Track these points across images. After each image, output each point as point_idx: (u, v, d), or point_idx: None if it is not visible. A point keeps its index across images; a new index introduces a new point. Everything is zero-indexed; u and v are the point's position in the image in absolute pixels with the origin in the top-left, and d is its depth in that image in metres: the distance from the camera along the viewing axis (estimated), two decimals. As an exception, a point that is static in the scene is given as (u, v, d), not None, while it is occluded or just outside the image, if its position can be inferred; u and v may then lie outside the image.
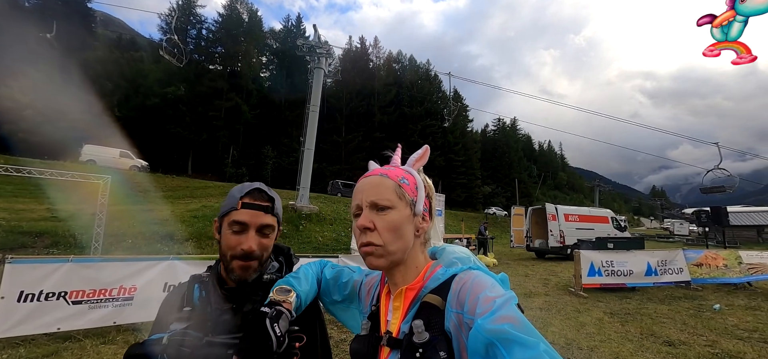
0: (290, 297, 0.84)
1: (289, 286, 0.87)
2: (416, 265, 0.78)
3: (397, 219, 0.74)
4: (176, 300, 0.94)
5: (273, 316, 0.77)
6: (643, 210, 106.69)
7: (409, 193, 0.77)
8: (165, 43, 15.67)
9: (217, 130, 38.01)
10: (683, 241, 32.27)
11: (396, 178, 0.78)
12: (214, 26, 42.78)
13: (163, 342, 0.78)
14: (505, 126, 69.56)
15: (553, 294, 8.12)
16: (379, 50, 55.20)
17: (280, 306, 0.80)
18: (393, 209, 0.75)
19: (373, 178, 0.79)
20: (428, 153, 0.87)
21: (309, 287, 0.94)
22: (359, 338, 0.79)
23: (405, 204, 0.76)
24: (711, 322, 5.90)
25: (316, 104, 16.47)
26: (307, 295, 0.92)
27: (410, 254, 0.78)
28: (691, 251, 9.16)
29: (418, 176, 0.82)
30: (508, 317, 0.57)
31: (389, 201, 0.75)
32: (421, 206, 0.79)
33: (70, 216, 11.72)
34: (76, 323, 4.14)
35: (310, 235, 14.70)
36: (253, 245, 0.89)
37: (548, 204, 16.28)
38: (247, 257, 0.88)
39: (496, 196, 53.68)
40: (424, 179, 0.83)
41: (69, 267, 4.17)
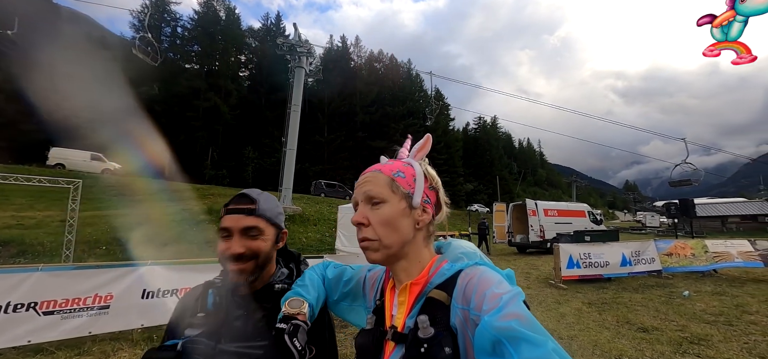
0: (303, 309, 0.84)
1: (300, 297, 0.87)
2: (419, 260, 0.78)
3: (390, 212, 0.74)
4: (190, 305, 0.95)
5: (291, 331, 0.77)
6: (617, 204, 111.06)
7: (404, 186, 0.77)
8: (138, 42, 15.06)
9: (195, 130, 36.91)
10: (655, 233, 33.81)
11: (390, 172, 0.78)
12: (190, 24, 41.45)
13: (178, 349, 0.80)
14: (486, 124, 70.79)
15: (534, 287, 8.35)
16: (360, 49, 55.14)
17: (296, 320, 0.81)
18: (386, 203, 0.75)
19: (369, 173, 0.80)
20: (430, 142, 0.85)
21: (318, 293, 0.94)
22: (364, 332, 0.79)
23: (399, 198, 0.76)
24: (681, 308, 6.21)
25: (297, 104, 16.28)
26: (317, 301, 0.92)
27: (412, 248, 0.77)
28: (662, 242, 9.61)
29: (419, 167, 0.81)
30: (515, 314, 0.56)
31: (381, 196, 0.75)
32: (419, 198, 0.77)
33: (38, 223, 11.13)
34: (47, 334, 3.94)
35: (293, 237, 14.52)
36: (237, 248, 0.89)
37: (529, 200, 16.70)
38: (235, 260, 0.89)
39: (479, 193, 54.58)
40: (425, 170, 0.82)
41: (38, 276, 3.97)
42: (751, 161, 70.71)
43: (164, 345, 0.82)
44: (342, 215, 11.66)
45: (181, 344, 0.81)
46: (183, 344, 0.81)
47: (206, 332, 0.86)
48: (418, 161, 0.83)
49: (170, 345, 0.81)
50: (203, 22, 41.27)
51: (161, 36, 38.31)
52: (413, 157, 0.85)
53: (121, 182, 20.31)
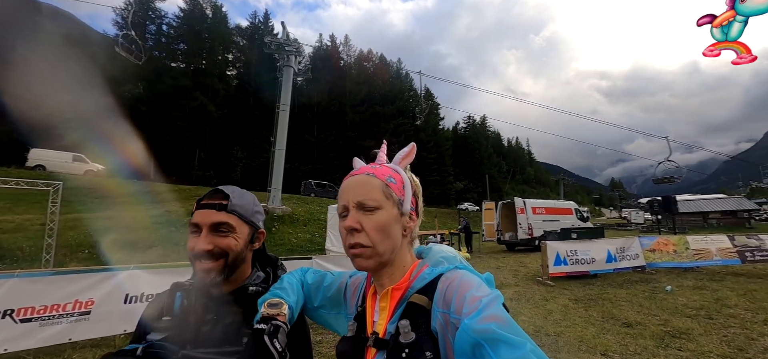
0: (283, 310, 0.82)
1: (279, 299, 0.85)
2: (403, 265, 0.78)
3: (385, 219, 0.73)
4: (157, 308, 0.89)
5: (271, 332, 0.75)
6: (603, 201, 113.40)
7: (397, 192, 0.76)
8: (121, 40, 14.68)
9: (182, 130, 36.26)
10: (639, 229, 34.63)
11: (383, 177, 0.76)
12: (176, 21, 40.69)
13: (138, 354, 0.74)
14: (476, 124, 71.42)
15: (522, 284, 8.45)
16: (349, 49, 54.96)
17: (276, 320, 0.78)
18: (381, 209, 0.73)
19: (359, 176, 0.77)
20: (414, 151, 0.85)
21: (297, 296, 0.92)
22: (345, 339, 0.78)
23: (392, 204, 0.75)
24: (663, 303, 6.37)
25: (286, 103, 16.13)
26: (296, 305, 0.90)
27: (398, 254, 0.77)
28: (646, 238, 9.84)
29: (405, 174, 0.81)
30: (494, 316, 0.57)
31: (376, 202, 0.73)
32: (408, 205, 0.77)
33: (17, 227, 10.78)
34: (25, 342, 3.81)
35: (283, 237, 14.39)
36: (205, 245, 0.85)
37: (517, 198, 16.91)
38: (202, 258, 0.85)
39: (468, 192, 55.05)
40: (410, 177, 0.82)
41: (14, 282, 3.83)
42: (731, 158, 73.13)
43: (123, 350, 0.76)
44: (332, 215, 11.61)
45: (141, 349, 0.76)
46: (143, 348, 0.76)
47: (171, 337, 0.81)
48: (407, 169, 0.83)
49: (130, 350, 0.75)
50: (189, 19, 40.57)
51: (146, 34, 37.48)
52: (398, 163, 0.84)
53: (104, 184, 19.81)
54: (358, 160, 0.86)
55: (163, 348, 0.77)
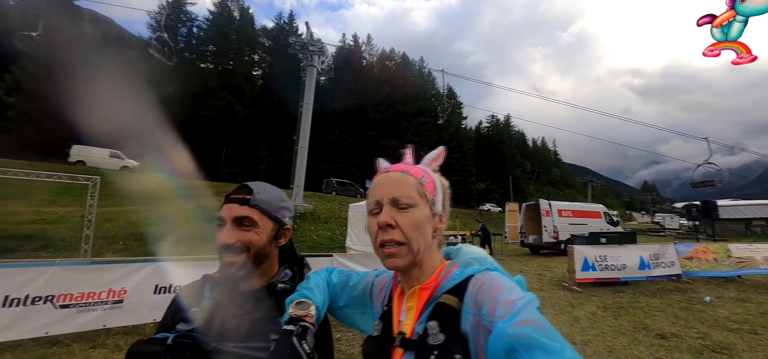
0: (311, 311, 0.82)
1: (306, 299, 0.85)
2: (431, 265, 0.77)
3: (420, 217, 0.73)
4: (186, 298, 0.92)
5: (299, 333, 0.75)
6: (634, 205, 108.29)
7: (430, 192, 0.76)
8: (154, 41, 15.41)
9: (210, 129, 37.61)
10: (674, 235, 32.79)
11: (417, 176, 0.76)
12: (205, 24, 42.29)
13: (168, 343, 0.76)
14: (499, 123, 69.95)
15: (547, 289, 8.18)
16: (372, 48, 55.08)
17: (304, 322, 0.78)
18: (415, 207, 0.73)
19: (393, 174, 0.77)
20: (443, 154, 0.85)
21: (323, 297, 0.92)
22: (371, 339, 0.78)
23: (426, 203, 0.75)
24: (702, 315, 5.98)
25: (309, 102, 16.38)
26: (323, 306, 0.90)
27: (427, 255, 0.77)
28: (682, 245, 9.29)
29: (435, 175, 0.82)
30: (530, 320, 0.55)
31: (411, 199, 0.73)
32: (440, 205, 0.78)
33: (60, 219, 11.50)
34: (64, 327, 4.05)
35: (305, 234, 14.63)
36: (228, 238, 0.86)
37: (542, 200, 16.39)
38: (225, 251, 0.86)
39: (491, 193, 54.01)
40: (439, 179, 0.82)
41: (55, 270, 4.07)
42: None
43: (153, 338, 0.78)
44: (353, 213, 11.67)
45: (172, 338, 0.77)
46: (174, 338, 0.77)
47: (200, 328, 0.82)
48: (437, 172, 0.84)
49: (160, 338, 0.77)
50: (218, 22, 42.00)
51: (177, 36, 39.11)
52: (427, 165, 0.84)
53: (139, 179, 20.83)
54: (383, 161, 0.86)
55: (193, 339, 0.79)
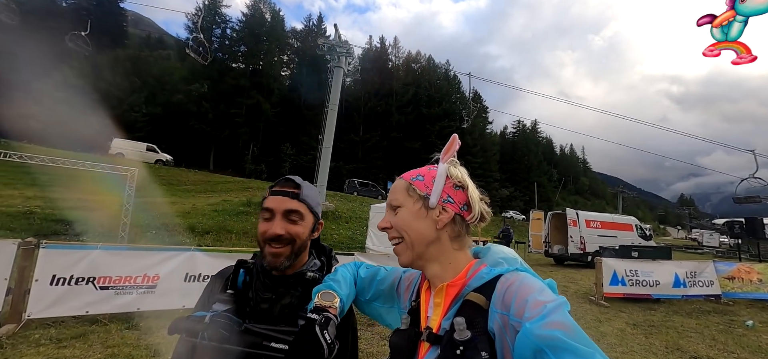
0: (335, 303, 0.85)
1: (332, 291, 0.88)
2: (451, 262, 0.78)
3: (405, 215, 0.79)
4: (222, 281, 0.98)
5: (322, 323, 0.78)
6: (669, 219, 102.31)
7: (421, 189, 0.79)
8: (191, 42, 16.18)
9: (239, 126, 38.96)
10: (713, 253, 30.73)
11: (409, 178, 0.82)
12: (238, 26, 43.88)
13: (205, 321, 0.81)
14: (526, 128, 68.19)
15: (572, 301, 7.86)
16: (398, 50, 55.25)
17: (327, 313, 0.81)
18: (402, 207, 0.80)
19: (395, 182, 0.86)
20: (456, 142, 0.84)
21: (349, 290, 0.94)
22: (399, 332, 0.79)
23: (414, 201, 0.79)
24: (743, 339, 5.58)
25: (334, 103, 16.61)
26: (347, 299, 0.93)
27: (439, 250, 0.78)
28: (722, 263, 8.71)
29: (442, 167, 0.80)
30: (559, 323, 0.55)
31: (399, 201, 0.81)
32: (436, 198, 0.77)
33: (100, 206, 12.25)
34: (102, 307, 4.31)
35: (326, 233, 14.83)
36: (278, 229, 0.91)
37: (569, 209, 15.83)
38: (274, 241, 0.90)
39: (514, 200, 52.68)
40: (446, 169, 0.80)
41: (97, 254, 4.35)
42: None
43: (192, 316, 0.84)
44: (374, 214, 11.75)
45: (209, 317, 0.82)
46: (211, 317, 0.82)
47: (233, 309, 0.87)
48: (447, 162, 0.81)
49: (199, 317, 0.82)
50: (250, 23, 43.45)
51: (212, 37, 40.78)
52: (441, 158, 0.84)
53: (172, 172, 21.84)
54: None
55: (228, 319, 0.83)
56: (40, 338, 3.82)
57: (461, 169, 0.82)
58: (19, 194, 13.16)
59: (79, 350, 3.68)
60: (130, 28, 45.00)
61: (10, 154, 8.38)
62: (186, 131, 36.44)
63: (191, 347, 0.80)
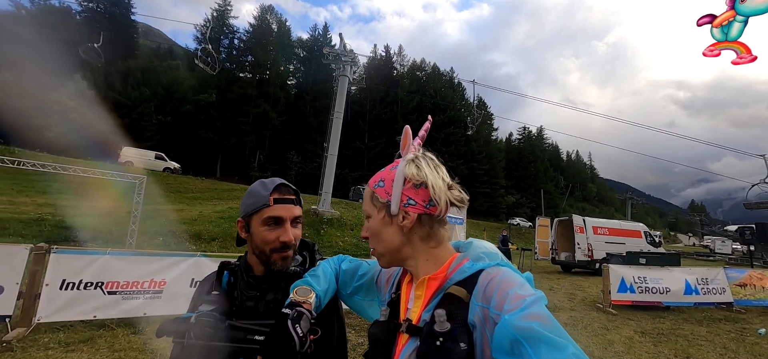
0: (310, 298, 0.86)
1: (308, 286, 0.90)
2: (428, 258, 0.76)
3: (373, 225, 0.80)
4: (208, 284, 1.02)
5: (294, 317, 0.80)
6: (680, 226, 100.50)
7: (382, 196, 0.77)
8: (200, 53, 16.52)
9: (245, 134, 39.38)
10: (724, 260, 30.07)
11: (372, 185, 0.82)
12: (246, 36, 44.58)
13: (191, 321, 0.85)
14: (531, 135, 67.89)
15: (579, 309, 7.79)
16: (403, 58, 55.52)
17: (301, 307, 0.83)
18: (370, 217, 0.81)
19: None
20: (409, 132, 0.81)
21: (328, 285, 0.96)
22: (378, 323, 0.80)
23: (378, 209, 0.79)
24: (755, 348, 5.46)
25: (340, 111, 16.74)
26: (326, 293, 0.94)
27: (412, 250, 0.77)
28: (734, 270, 8.56)
29: (399, 168, 0.76)
30: (537, 315, 0.57)
31: (366, 211, 0.83)
32: (396, 205, 0.74)
33: (109, 213, 12.45)
34: (110, 312, 4.38)
35: (331, 240, 14.86)
36: (291, 236, 0.96)
37: (576, 216, 15.67)
38: (286, 248, 0.95)
39: (521, 207, 52.28)
40: (403, 170, 0.75)
41: (106, 259, 4.43)
42: None
43: (180, 317, 0.87)
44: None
45: (194, 317, 0.85)
46: (196, 317, 0.85)
47: (219, 309, 0.91)
48: (405, 158, 0.76)
49: (185, 317, 0.86)
50: (257, 34, 44.13)
51: (220, 47, 41.46)
52: (402, 154, 0.80)
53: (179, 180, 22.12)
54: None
55: (213, 317, 0.87)
56: (49, 342, 3.89)
57: (422, 162, 0.75)
58: (31, 201, 13.44)
59: (86, 354, 3.75)
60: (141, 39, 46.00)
61: (23, 162, 8.59)
62: (194, 139, 36.95)
63: (182, 348, 0.83)
